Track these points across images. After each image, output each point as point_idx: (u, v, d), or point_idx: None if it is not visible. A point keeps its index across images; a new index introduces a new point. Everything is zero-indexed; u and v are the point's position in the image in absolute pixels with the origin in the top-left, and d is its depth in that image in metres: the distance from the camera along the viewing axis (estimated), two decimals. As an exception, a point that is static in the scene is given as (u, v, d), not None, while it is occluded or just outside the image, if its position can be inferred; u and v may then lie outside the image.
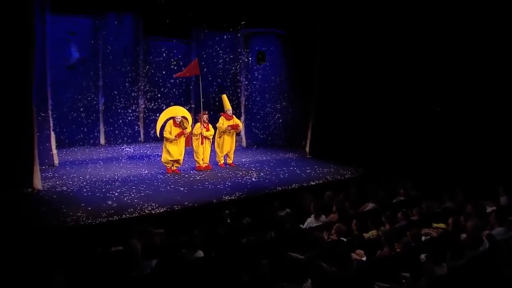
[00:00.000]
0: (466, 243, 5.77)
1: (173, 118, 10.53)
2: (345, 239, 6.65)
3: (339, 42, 12.76)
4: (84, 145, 13.78)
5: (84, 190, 8.79)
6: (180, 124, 10.48)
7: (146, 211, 7.66)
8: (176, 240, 6.67)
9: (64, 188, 8.91)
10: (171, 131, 10.40)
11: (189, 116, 10.82)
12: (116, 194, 8.57)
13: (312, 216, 7.57)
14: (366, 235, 6.93)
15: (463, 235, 6.38)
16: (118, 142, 14.35)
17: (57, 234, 6.59)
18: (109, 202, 8.03)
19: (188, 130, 10.61)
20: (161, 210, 7.72)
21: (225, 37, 15.08)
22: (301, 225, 7.60)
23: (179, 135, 10.42)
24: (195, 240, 6.25)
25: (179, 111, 10.69)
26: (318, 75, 13.25)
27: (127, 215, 7.41)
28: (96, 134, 14.17)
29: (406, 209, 7.82)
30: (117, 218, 7.23)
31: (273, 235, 6.84)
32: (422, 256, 5.67)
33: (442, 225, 7.05)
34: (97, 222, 7.05)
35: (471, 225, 6.23)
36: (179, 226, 7.18)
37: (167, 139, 10.40)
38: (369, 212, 7.98)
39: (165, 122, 10.52)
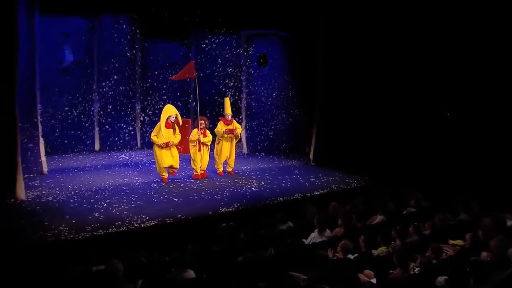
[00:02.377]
0: (490, 264, 5.10)
1: (168, 117, 9.91)
2: (352, 256, 6.04)
3: (343, 43, 12.21)
4: (78, 151, 13.22)
5: (71, 201, 8.18)
6: (172, 124, 9.86)
7: (135, 224, 7.04)
8: (165, 258, 6.04)
9: (50, 198, 8.31)
10: (158, 135, 9.76)
11: (179, 117, 10.18)
12: (105, 205, 7.95)
13: (316, 230, 6.94)
14: (375, 252, 6.30)
15: (484, 254, 5.75)
16: (113, 149, 13.81)
17: (33, 251, 5.96)
18: (96, 214, 7.41)
19: (177, 140, 9.94)
20: (151, 224, 7.09)
21: (225, 39, 14.54)
22: (303, 240, 6.98)
23: (166, 145, 9.72)
24: (185, 258, 5.65)
25: (172, 110, 10.06)
26: (321, 78, 12.68)
27: (114, 229, 6.79)
28: (90, 140, 13.59)
29: (417, 222, 7.22)
30: (102, 233, 6.61)
31: (273, 252, 6.22)
32: (440, 279, 5.01)
33: (460, 242, 6.40)
34: (80, 237, 6.43)
35: (495, 243, 5.56)
36: (170, 242, 6.57)
37: (154, 143, 9.76)
38: (378, 226, 7.33)
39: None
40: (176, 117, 9.96)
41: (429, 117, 11.39)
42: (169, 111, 9.92)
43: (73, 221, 7.03)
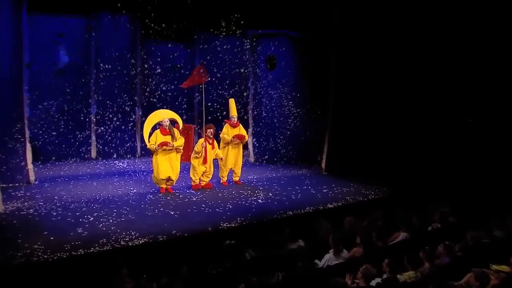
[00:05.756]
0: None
1: (160, 124, 9.00)
2: (374, 283, 5.08)
3: (358, 44, 11.37)
4: (73, 159, 12.31)
5: (54, 214, 7.28)
6: (169, 130, 8.93)
7: (122, 242, 6.12)
8: (153, 284, 5.11)
9: (31, 210, 7.41)
10: (156, 141, 8.81)
11: (179, 119, 9.30)
12: (91, 219, 7.05)
13: (331, 251, 5.98)
14: (401, 278, 5.34)
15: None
16: (112, 156, 12.91)
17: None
18: (79, 230, 6.51)
19: (178, 143, 8.99)
20: (140, 242, 6.16)
21: (231, 40, 13.67)
22: (316, 261, 6.04)
23: (162, 145, 8.75)
24: (176, 285, 4.74)
25: (165, 114, 9.21)
26: (334, 81, 11.77)
27: (97, 248, 5.87)
28: (87, 147, 12.73)
29: (447, 241, 6.24)
30: (82, 253, 5.69)
31: (281, 277, 5.27)
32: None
33: (505, 268, 5.38)
34: (55, 258, 5.51)
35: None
36: (161, 264, 5.65)
37: (150, 150, 8.86)
38: (403, 246, 6.36)
39: (153, 130, 9.01)
40: (172, 120, 9.09)
41: (454, 122, 10.51)
42: (158, 116, 9.10)
43: (51, 238, 6.14)
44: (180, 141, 8.98)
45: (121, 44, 12.88)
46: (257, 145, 13.39)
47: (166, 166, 8.85)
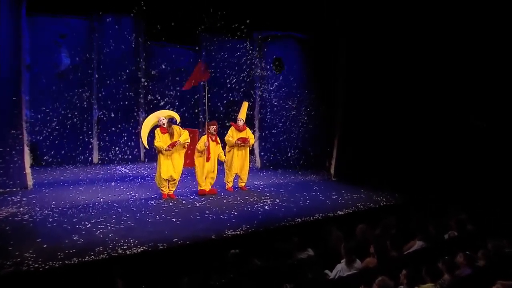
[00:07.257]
0: None
1: (158, 125, 8.78)
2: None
3: (367, 44, 11.08)
4: (74, 164, 11.99)
5: (50, 220, 6.92)
6: (168, 129, 8.67)
7: (120, 250, 5.73)
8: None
9: (26, 216, 7.05)
10: (161, 139, 8.59)
11: (175, 115, 9.09)
12: (89, 225, 6.68)
13: (343, 261, 5.57)
14: (419, 291, 4.94)
15: None
16: (114, 161, 12.56)
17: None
18: (75, 237, 6.14)
19: (183, 138, 8.68)
20: (139, 250, 5.78)
21: (237, 42, 13.31)
22: (327, 271, 5.64)
23: (172, 145, 8.52)
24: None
25: (161, 113, 9.00)
26: (344, 84, 11.43)
27: (92, 256, 5.49)
28: (88, 151, 12.38)
29: (467, 250, 5.84)
30: (76, 262, 5.31)
31: (289, 290, 4.89)
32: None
33: (534, 281, 4.96)
34: (47, 267, 5.13)
35: None
36: (160, 274, 5.28)
37: (159, 149, 8.56)
38: (420, 256, 5.95)
39: (153, 133, 8.73)
40: (172, 119, 8.94)
41: (469, 126, 10.13)
42: (154, 117, 8.94)
43: (45, 246, 5.77)
44: (184, 135, 8.73)
45: (124, 46, 12.54)
46: (264, 150, 13.02)
47: (168, 165, 8.62)
